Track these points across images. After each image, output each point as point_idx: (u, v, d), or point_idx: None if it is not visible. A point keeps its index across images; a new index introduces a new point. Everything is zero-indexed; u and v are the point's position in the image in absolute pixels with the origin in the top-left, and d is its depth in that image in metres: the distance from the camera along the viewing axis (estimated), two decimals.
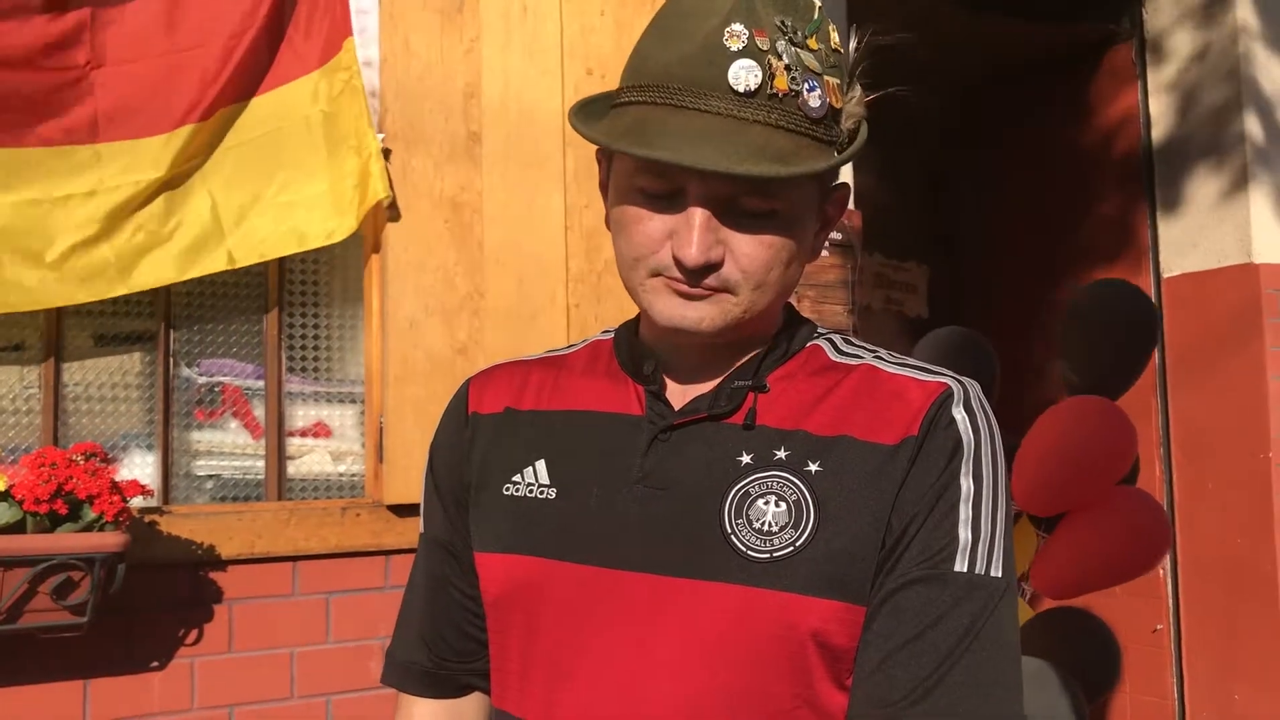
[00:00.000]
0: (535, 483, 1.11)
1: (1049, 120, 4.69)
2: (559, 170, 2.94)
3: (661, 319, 1.04)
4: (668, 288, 1.03)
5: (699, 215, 0.98)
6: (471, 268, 2.82)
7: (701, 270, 1.00)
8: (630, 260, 1.04)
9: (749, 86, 0.96)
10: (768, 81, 0.96)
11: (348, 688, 2.64)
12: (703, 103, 0.96)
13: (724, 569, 0.99)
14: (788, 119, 0.97)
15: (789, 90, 0.97)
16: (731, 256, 1.00)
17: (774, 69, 0.96)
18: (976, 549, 0.98)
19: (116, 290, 2.46)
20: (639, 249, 1.03)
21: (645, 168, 1.00)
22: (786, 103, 0.97)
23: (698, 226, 0.98)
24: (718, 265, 1.00)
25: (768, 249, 1.01)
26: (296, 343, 2.82)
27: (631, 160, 1.01)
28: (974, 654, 0.96)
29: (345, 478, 2.83)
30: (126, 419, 2.63)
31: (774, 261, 1.02)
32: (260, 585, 2.57)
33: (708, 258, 0.99)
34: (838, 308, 3.25)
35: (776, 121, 0.97)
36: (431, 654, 1.21)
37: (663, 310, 1.03)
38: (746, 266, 1.01)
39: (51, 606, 2.15)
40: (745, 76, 0.95)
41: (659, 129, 0.97)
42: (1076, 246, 4.52)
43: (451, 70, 2.84)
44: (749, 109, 0.96)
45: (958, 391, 1.03)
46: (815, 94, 0.98)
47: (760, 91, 0.96)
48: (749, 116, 0.96)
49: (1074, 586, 2.92)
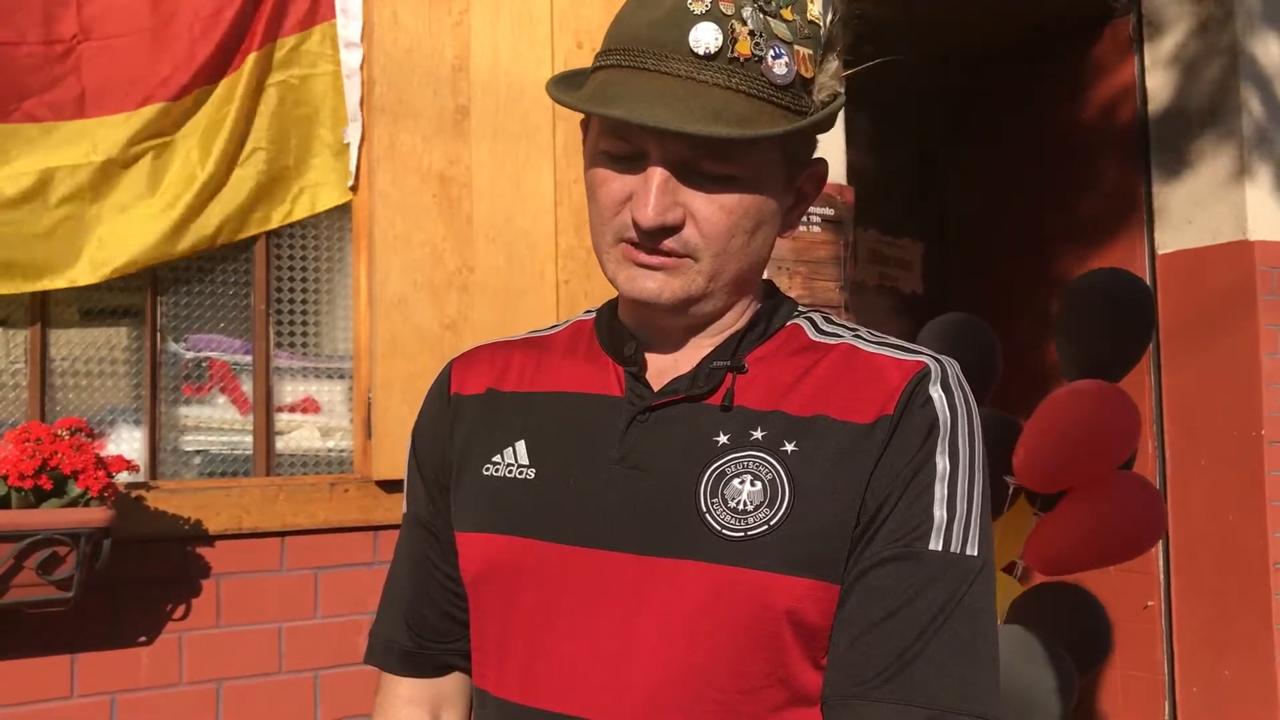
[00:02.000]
0: (515, 463, 1.12)
1: (1046, 95, 4.67)
2: (548, 144, 2.92)
3: (623, 290, 1.05)
4: (627, 258, 1.03)
5: (656, 176, 0.99)
6: (460, 243, 2.80)
7: (658, 232, 1.00)
8: (597, 226, 1.05)
9: (709, 49, 0.96)
10: (729, 45, 0.96)
11: (336, 662, 2.64)
12: (664, 65, 0.97)
13: (699, 548, 0.99)
14: (750, 84, 0.97)
15: (751, 55, 0.97)
16: (692, 220, 1.00)
17: (737, 33, 0.96)
18: (952, 528, 0.98)
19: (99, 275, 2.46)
20: (603, 211, 1.04)
21: (608, 130, 1.01)
22: (749, 68, 0.97)
23: (654, 188, 0.99)
24: (675, 228, 1.00)
25: (728, 213, 1.00)
26: (285, 318, 2.80)
27: (598, 125, 1.03)
28: (947, 632, 0.96)
29: (333, 453, 2.83)
30: (114, 394, 2.62)
31: (735, 228, 1.01)
32: (248, 560, 2.57)
33: (663, 219, 0.99)
34: (829, 284, 3.24)
35: (737, 86, 0.97)
36: (412, 634, 1.21)
37: (624, 282, 1.04)
38: (706, 231, 1.01)
39: (37, 582, 2.15)
40: (705, 39, 0.96)
41: (619, 90, 0.98)
42: (1072, 222, 4.51)
43: (440, 43, 2.82)
44: (708, 71, 0.97)
45: (935, 370, 1.03)
46: (781, 61, 0.98)
47: (720, 55, 0.96)
48: (708, 79, 0.97)
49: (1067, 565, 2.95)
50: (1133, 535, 2.86)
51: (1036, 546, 2.94)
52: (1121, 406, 2.84)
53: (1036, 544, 2.94)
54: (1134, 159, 4.31)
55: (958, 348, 2.96)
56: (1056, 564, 2.95)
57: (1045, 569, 3.00)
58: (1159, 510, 2.86)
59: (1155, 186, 4.24)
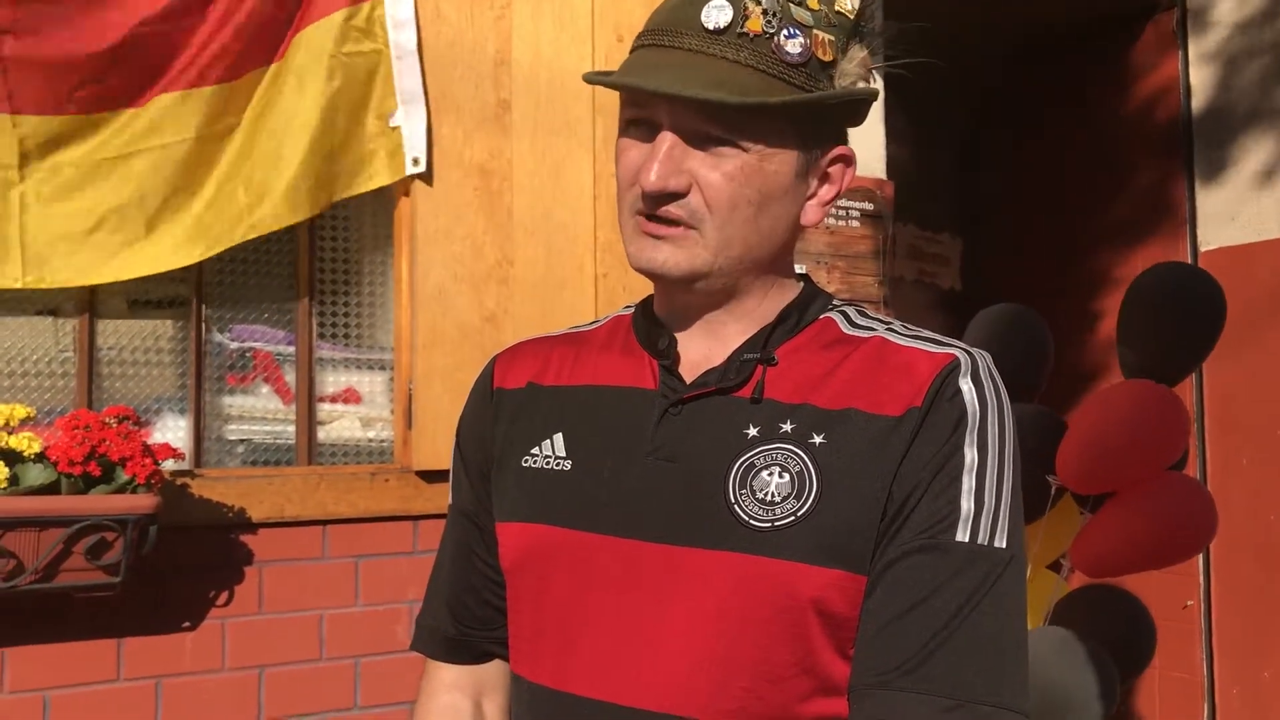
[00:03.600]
0: (552, 455, 1.14)
1: (1087, 91, 4.63)
2: (589, 138, 2.93)
3: (633, 262, 1.08)
4: (639, 230, 1.06)
5: (663, 142, 1.02)
6: (500, 236, 2.82)
7: (662, 197, 1.03)
8: (619, 196, 1.09)
9: (718, 24, 1.01)
10: (739, 21, 1.00)
11: (375, 650, 2.67)
12: (677, 40, 1.02)
13: (727, 538, 1.01)
14: (759, 59, 1.00)
15: (762, 32, 1.00)
16: (697, 188, 1.03)
17: (749, 11, 1.00)
18: (979, 519, 0.99)
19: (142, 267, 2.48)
20: (621, 183, 1.08)
21: (626, 101, 1.07)
22: (759, 43, 1.00)
23: (660, 153, 1.02)
24: (679, 194, 1.03)
25: (730, 180, 1.03)
26: (327, 309, 2.84)
27: (622, 100, 1.08)
28: (973, 624, 0.96)
29: (374, 443, 2.85)
30: (159, 383, 2.66)
31: (738, 197, 1.03)
32: (290, 548, 2.60)
33: (665, 184, 1.02)
34: (868, 279, 3.24)
35: (745, 60, 1.00)
36: (456, 621, 1.24)
37: (634, 253, 1.07)
38: (710, 198, 1.03)
39: (85, 566, 2.18)
40: (715, 15, 1.01)
41: (635, 64, 1.04)
42: (1113, 219, 4.47)
43: (482, 37, 2.84)
44: (716, 45, 1.01)
45: (965, 362, 1.04)
46: (796, 41, 1.01)
47: (730, 30, 1.00)
48: (716, 53, 1.01)
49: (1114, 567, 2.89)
50: (1182, 538, 2.79)
51: (1083, 547, 2.89)
52: (1168, 407, 2.77)
53: (1083, 545, 2.89)
54: (1176, 155, 4.27)
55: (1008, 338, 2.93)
56: (1103, 565, 2.90)
57: (1091, 570, 2.95)
58: (1210, 513, 2.79)
59: (1198, 183, 4.19)
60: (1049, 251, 4.75)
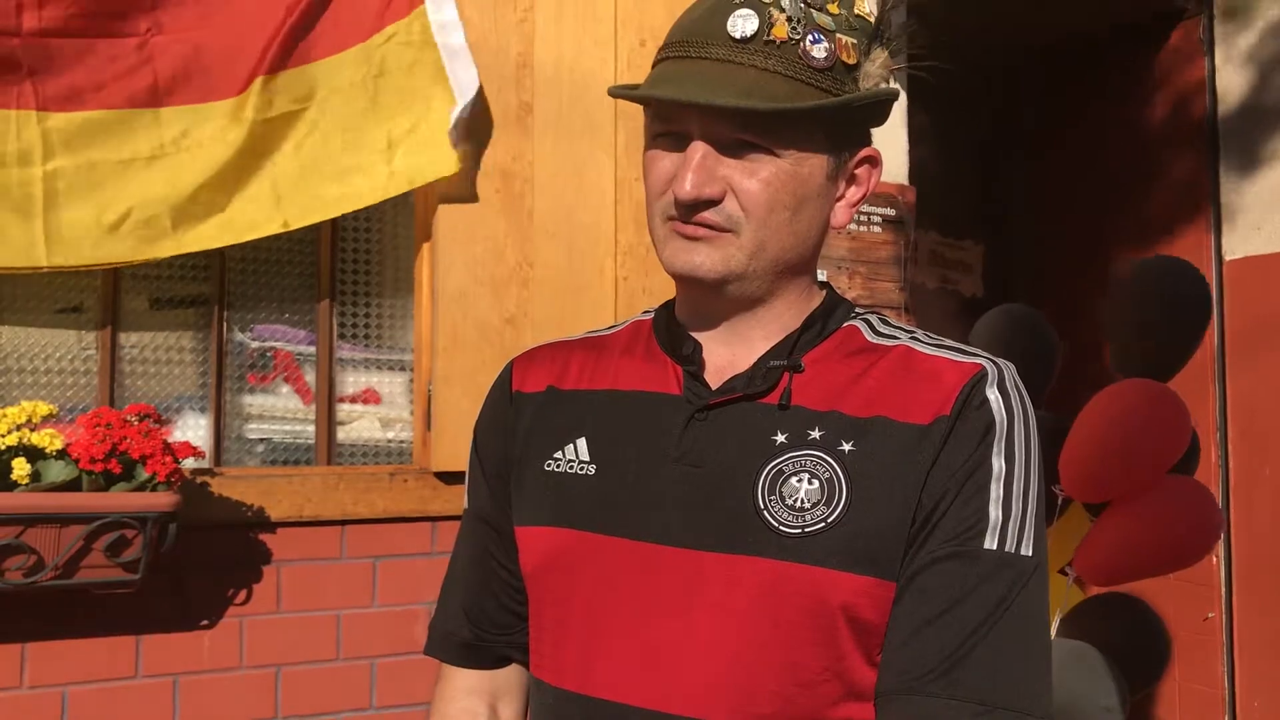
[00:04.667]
0: (576, 459, 1.14)
1: (1113, 96, 4.60)
2: (610, 142, 2.93)
3: (668, 266, 1.08)
4: (674, 234, 1.06)
5: (695, 151, 1.03)
6: (521, 238, 2.83)
7: (697, 205, 1.03)
8: (649, 208, 1.09)
9: (744, 33, 1.01)
10: (765, 29, 1.01)
11: (392, 651, 2.68)
12: (704, 51, 1.02)
13: (756, 543, 1.01)
14: (786, 66, 1.01)
15: (788, 38, 1.01)
16: (732, 194, 1.04)
17: (774, 19, 1.01)
18: (1007, 527, 0.99)
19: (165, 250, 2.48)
20: (651, 191, 1.08)
21: (655, 114, 1.07)
22: (786, 50, 1.01)
23: (693, 162, 1.02)
24: (714, 201, 1.03)
25: (766, 185, 1.03)
26: (348, 310, 2.85)
27: (648, 112, 1.08)
28: (1000, 631, 0.97)
29: (394, 444, 2.86)
30: (181, 382, 2.68)
31: (774, 202, 1.04)
32: (308, 548, 2.61)
33: (700, 192, 1.02)
34: (889, 285, 3.22)
35: (773, 67, 1.01)
36: (472, 626, 1.24)
37: (670, 257, 1.07)
38: (746, 203, 1.03)
39: (105, 563, 2.20)
40: (741, 24, 1.01)
41: (662, 76, 1.04)
42: (1138, 226, 4.44)
43: (505, 40, 2.84)
44: (744, 54, 1.01)
45: (992, 372, 1.04)
46: (820, 45, 1.02)
47: (756, 38, 1.01)
48: (744, 61, 1.01)
49: (1117, 573, 2.86)
50: (1186, 542, 2.74)
51: (1085, 554, 2.85)
52: (1165, 405, 2.72)
53: (1085, 552, 2.85)
54: (1202, 162, 4.23)
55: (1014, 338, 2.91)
56: (1106, 572, 2.86)
57: (1095, 578, 2.92)
58: (1214, 515, 2.75)
59: (1224, 191, 4.16)
60: (1073, 259, 4.72)
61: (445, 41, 2.68)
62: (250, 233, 2.55)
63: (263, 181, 2.56)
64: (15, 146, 2.35)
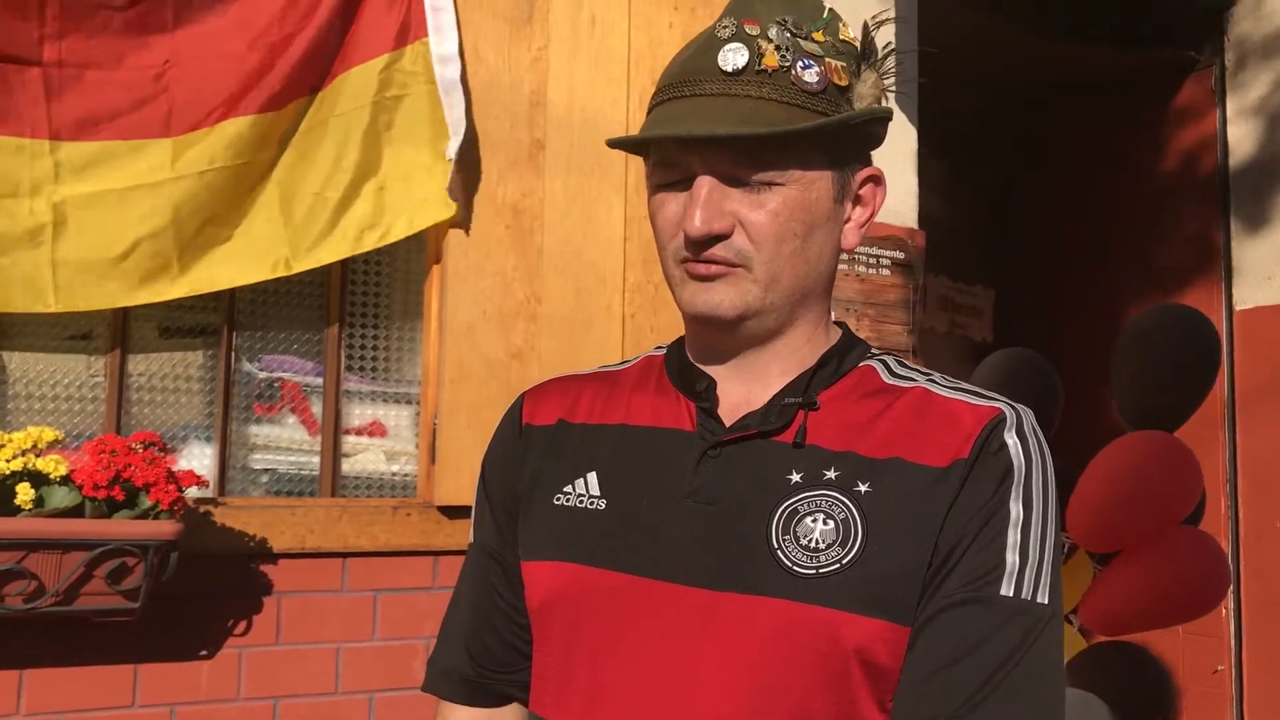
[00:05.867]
0: (586, 494, 1.13)
1: (1124, 144, 4.61)
2: (620, 180, 2.95)
3: (686, 308, 1.08)
4: (688, 275, 1.06)
5: (701, 187, 1.03)
6: (530, 274, 2.84)
7: (707, 241, 1.03)
8: (662, 253, 1.09)
9: (736, 65, 1.02)
10: (755, 59, 1.02)
11: (391, 685, 2.66)
12: (698, 88, 1.03)
13: (769, 583, 1.00)
14: (780, 92, 1.02)
15: (779, 66, 1.02)
16: (741, 227, 1.04)
17: (763, 49, 1.02)
18: (1023, 574, 0.98)
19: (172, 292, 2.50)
20: (661, 236, 1.08)
21: (658, 163, 1.07)
22: (778, 77, 1.02)
23: (700, 199, 1.02)
24: (724, 236, 1.03)
25: (775, 216, 1.03)
26: (356, 342, 2.85)
27: (650, 161, 1.09)
28: (1015, 679, 0.95)
29: (398, 477, 2.86)
30: (187, 410, 2.68)
31: (784, 231, 1.04)
32: (310, 580, 2.60)
33: (710, 228, 1.02)
34: (898, 327, 3.22)
35: (768, 95, 1.01)
36: (474, 662, 1.22)
37: (689, 300, 1.07)
38: (756, 236, 1.03)
39: (105, 591, 2.19)
40: (732, 57, 1.02)
41: (657, 120, 1.05)
42: (1148, 274, 4.44)
43: (518, 77, 2.87)
44: (737, 85, 1.02)
45: (1010, 417, 1.04)
46: (811, 70, 1.02)
47: (748, 69, 1.02)
48: (738, 92, 1.02)
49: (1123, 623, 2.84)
50: (1193, 594, 2.73)
51: (1092, 603, 2.84)
52: (1177, 458, 2.72)
53: (1092, 600, 2.84)
54: (1213, 212, 4.24)
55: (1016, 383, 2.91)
56: (1113, 622, 2.84)
57: (1101, 627, 2.90)
58: (1222, 568, 2.73)
59: (1235, 240, 4.16)
60: (1083, 306, 4.72)
61: (443, 74, 2.71)
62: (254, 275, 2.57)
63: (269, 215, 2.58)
64: (28, 175, 2.38)
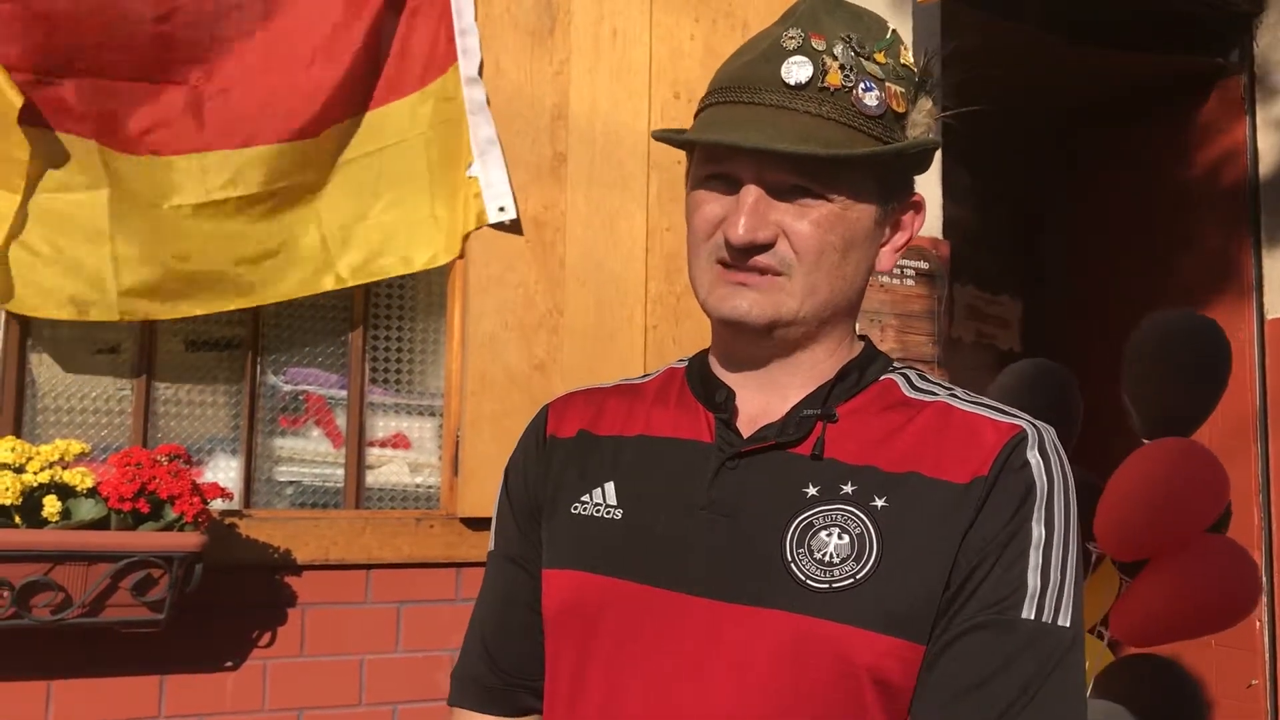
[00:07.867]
0: (603, 503, 1.13)
1: (1151, 153, 4.57)
2: (642, 192, 2.95)
3: (713, 311, 1.07)
4: (722, 279, 1.06)
5: (749, 194, 1.03)
6: (552, 286, 2.84)
7: (750, 249, 1.03)
8: (693, 249, 1.09)
9: (799, 80, 1.01)
10: (819, 76, 1.01)
11: (415, 697, 2.66)
12: (758, 96, 1.02)
13: (781, 596, 0.99)
14: (840, 112, 1.01)
15: (841, 85, 1.01)
16: (784, 237, 1.03)
17: (827, 66, 1.01)
18: (1045, 597, 0.97)
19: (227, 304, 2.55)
20: (697, 232, 1.07)
21: (704, 157, 1.07)
22: (839, 97, 1.01)
23: (746, 206, 1.02)
24: (767, 246, 1.03)
25: (818, 228, 1.03)
26: (380, 355, 2.87)
27: (698, 154, 1.08)
28: (1038, 705, 0.94)
29: (421, 489, 2.87)
30: (213, 423, 2.70)
31: (826, 245, 1.03)
32: (334, 591, 2.61)
33: (754, 236, 1.02)
34: (922, 338, 3.20)
35: (827, 114, 1.01)
36: (496, 670, 1.22)
37: (716, 302, 1.07)
38: (799, 246, 1.03)
39: (131, 602, 2.21)
40: (796, 71, 1.01)
41: (713, 120, 1.04)
42: (1177, 283, 4.39)
43: (540, 91, 2.88)
44: (799, 100, 1.01)
45: (1032, 435, 1.02)
46: (872, 94, 1.02)
47: (811, 84, 1.01)
48: (799, 107, 1.01)
49: (1153, 635, 2.80)
50: (1223, 603, 2.69)
51: (1121, 614, 2.80)
52: (1203, 464, 2.69)
53: (1121, 612, 2.80)
54: (1243, 220, 4.20)
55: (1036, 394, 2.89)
56: (1143, 634, 2.80)
57: (1132, 639, 2.86)
58: (1253, 577, 2.69)
59: (1265, 249, 4.12)
60: (1111, 315, 4.68)
61: (470, 95, 2.75)
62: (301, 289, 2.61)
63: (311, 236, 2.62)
64: (81, 174, 2.40)
